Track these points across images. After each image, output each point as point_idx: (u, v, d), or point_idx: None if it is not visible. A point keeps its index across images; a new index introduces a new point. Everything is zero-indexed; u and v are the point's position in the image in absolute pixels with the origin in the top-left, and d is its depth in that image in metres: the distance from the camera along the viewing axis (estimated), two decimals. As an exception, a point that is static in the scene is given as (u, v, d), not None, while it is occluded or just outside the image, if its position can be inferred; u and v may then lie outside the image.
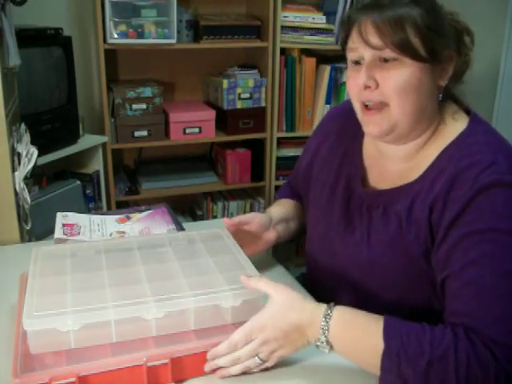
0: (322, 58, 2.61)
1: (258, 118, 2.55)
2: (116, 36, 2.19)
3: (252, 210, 2.73)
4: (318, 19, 2.51)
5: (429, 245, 0.88)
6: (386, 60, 0.87)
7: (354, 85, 0.92)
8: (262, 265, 1.20)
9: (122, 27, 2.20)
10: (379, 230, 0.96)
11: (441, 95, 0.94)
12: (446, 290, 0.84)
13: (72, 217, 1.15)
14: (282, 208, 1.23)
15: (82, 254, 0.97)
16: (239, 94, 2.49)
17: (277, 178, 2.67)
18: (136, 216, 1.19)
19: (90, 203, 2.26)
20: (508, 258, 0.78)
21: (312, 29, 2.50)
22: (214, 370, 0.84)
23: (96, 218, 1.17)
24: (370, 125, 0.93)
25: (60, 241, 1.06)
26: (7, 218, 1.29)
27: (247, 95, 2.50)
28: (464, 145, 0.89)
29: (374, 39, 0.86)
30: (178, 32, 2.31)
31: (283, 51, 2.50)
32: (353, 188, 1.03)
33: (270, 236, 1.14)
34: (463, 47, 0.93)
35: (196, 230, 1.08)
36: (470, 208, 0.82)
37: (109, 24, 2.17)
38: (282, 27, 2.44)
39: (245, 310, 0.86)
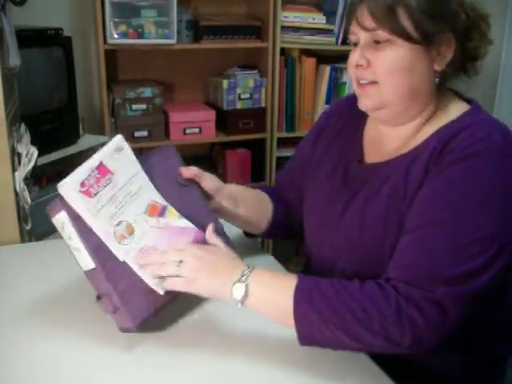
0: (322, 58, 2.61)
1: (258, 119, 2.55)
2: (116, 36, 2.19)
3: (252, 210, 2.72)
4: (318, 19, 2.51)
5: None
6: (378, 42, 0.90)
7: (350, 63, 0.96)
8: (261, 265, 1.19)
9: (122, 27, 2.20)
10: (373, 206, 0.95)
11: (437, 79, 0.95)
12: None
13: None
14: (241, 188, 1.18)
15: None
16: (239, 95, 2.49)
17: (277, 178, 2.67)
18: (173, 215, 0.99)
19: (90, 203, 2.26)
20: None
21: (312, 29, 2.50)
22: None
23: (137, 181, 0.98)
24: (363, 98, 0.96)
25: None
26: (7, 218, 1.28)
27: (247, 95, 2.50)
28: (462, 121, 0.91)
29: (368, 22, 0.90)
30: (178, 32, 2.31)
31: (283, 51, 2.50)
32: (348, 168, 1.05)
33: (213, 204, 1.11)
34: (472, 33, 0.94)
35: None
36: (445, 173, 0.85)
37: (109, 24, 2.17)
38: (282, 27, 2.44)
39: None
